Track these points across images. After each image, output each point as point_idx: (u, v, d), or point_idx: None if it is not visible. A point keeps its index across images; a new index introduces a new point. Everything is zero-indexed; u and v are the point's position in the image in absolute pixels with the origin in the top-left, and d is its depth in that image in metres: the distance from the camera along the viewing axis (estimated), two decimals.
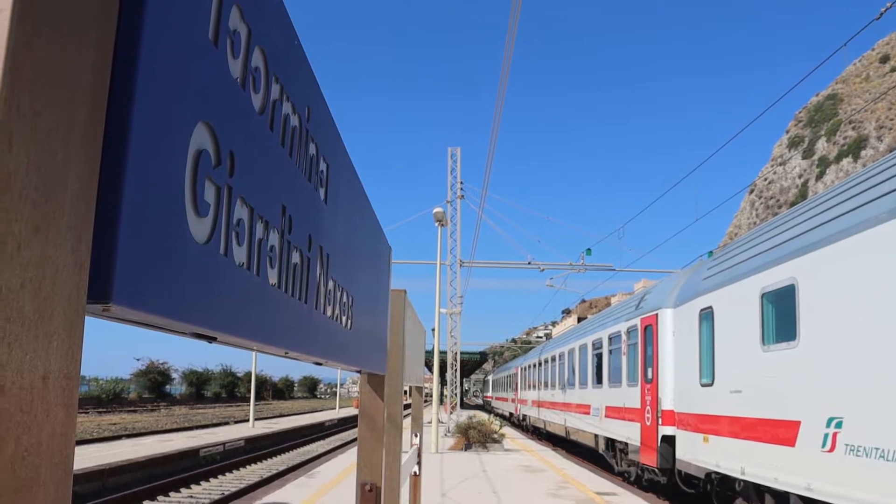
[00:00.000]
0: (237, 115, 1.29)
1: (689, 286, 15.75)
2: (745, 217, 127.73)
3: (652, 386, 16.99)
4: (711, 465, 13.42)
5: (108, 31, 0.85)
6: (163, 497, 19.24)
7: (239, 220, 1.30)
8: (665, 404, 16.24)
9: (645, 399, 17.53)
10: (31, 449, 0.71)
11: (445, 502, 14.89)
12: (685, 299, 15.69)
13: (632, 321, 19.39)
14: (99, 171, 0.84)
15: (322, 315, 2.10)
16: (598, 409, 23.04)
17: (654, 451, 16.47)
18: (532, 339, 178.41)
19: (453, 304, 49.86)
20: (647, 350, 17.75)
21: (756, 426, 11.56)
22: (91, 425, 42.89)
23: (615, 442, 21.05)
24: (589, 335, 25.78)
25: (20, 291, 0.69)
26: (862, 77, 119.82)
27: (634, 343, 18.91)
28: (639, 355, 18.31)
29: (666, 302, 16.93)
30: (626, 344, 19.86)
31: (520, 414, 51.77)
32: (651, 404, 17.00)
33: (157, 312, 0.97)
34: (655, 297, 18.19)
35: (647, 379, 17.37)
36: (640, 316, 18.53)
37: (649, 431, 17.02)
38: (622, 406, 19.80)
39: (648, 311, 17.93)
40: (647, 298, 18.93)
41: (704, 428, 13.90)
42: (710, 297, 14.08)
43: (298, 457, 31.54)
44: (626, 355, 19.72)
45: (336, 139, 2.27)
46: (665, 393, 16.29)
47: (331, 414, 63.95)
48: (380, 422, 3.94)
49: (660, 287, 18.89)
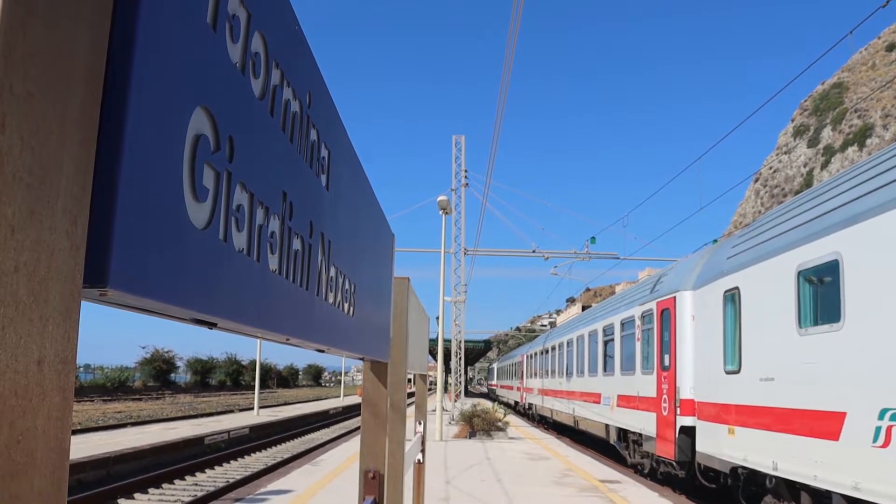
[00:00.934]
0: (236, 100, 1.28)
1: (712, 266, 14.72)
2: (750, 206, 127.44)
3: (669, 374, 16.06)
4: (738, 459, 12.36)
5: (104, 13, 0.85)
6: (168, 485, 19.32)
7: (239, 205, 1.29)
8: (684, 393, 15.27)
9: (661, 388, 16.56)
10: (26, 433, 0.71)
11: (449, 490, 14.92)
12: (707, 280, 14.63)
13: (647, 305, 18.40)
14: (95, 155, 0.83)
15: (324, 302, 2.10)
16: (609, 398, 22.06)
17: (672, 443, 15.54)
18: (536, 328, 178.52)
19: (457, 293, 49.93)
20: (663, 336, 16.76)
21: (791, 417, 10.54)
22: (96, 413, 43.10)
23: (628, 432, 20.12)
24: (599, 321, 24.65)
25: (14, 275, 0.68)
26: (868, 65, 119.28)
27: (649, 328, 17.92)
28: (654, 341, 17.36)
29: (684, 284, 15.93)
30: (640, 329, 18.87)
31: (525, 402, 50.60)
32: (668, 393, 16.02)
33: (156, 297, 0.96)
34: (673, 279, 17.13)
35: (664, 366, 16.45)
36: (656, 299, 17.49)
37: (666, 422, 16.07)
38: (636, 395, 18.81)
39: (665, 294, 16.88)
40: (663, 281, 17.94)
41: (730, 419, 12.83)
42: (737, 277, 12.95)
43: (303, 445, 31.64)
44: (641, 341, 18.73)
45: (338, 126, 2.26)
46: (684, 381, 15.34)
47: (335, 402, 64.10)
48: (383, 409, 3.95)
49: (677, 269, 17.78)
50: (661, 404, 16.43)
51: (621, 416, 20.52)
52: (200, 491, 18.50)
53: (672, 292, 16.35)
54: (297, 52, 1.71)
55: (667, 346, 16.37)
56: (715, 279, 14.02)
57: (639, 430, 18.36)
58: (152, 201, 0.94)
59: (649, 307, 18.03)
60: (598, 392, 23.85)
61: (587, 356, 26.41)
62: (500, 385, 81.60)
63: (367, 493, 3.75)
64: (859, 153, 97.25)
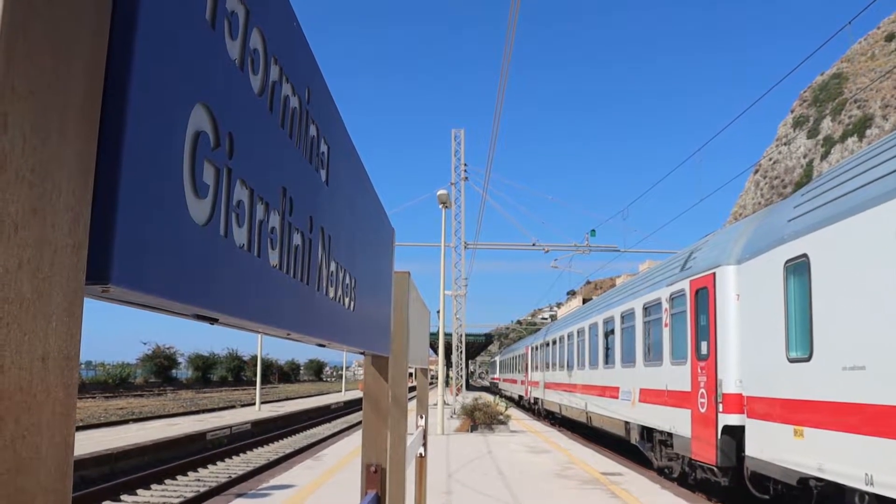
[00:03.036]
0: (236, 96, 1.29)
1: (764, 233, 12.47)
2: (750, 197, 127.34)
3: (708, 364, 14.01)
4: (810, 467, 10.14)
5: (104, 11, 0.85)
6: (170, 480, 19.37)
7: (239, 201, 1.30)
8: (728, 386, 13.15)
9: (697, 380, 14.46)
10: (31, 429, 0.72)
11: (451, 483, 14.95)
12: (758, 251, 12.44)
13: (676, 285, 16.31)
14: (96, 152, 0.84)
15: (324, 296, 2.11)
16: (630, 393, 19.93)
17: (712, 446, 13.41)
18: (537, 321, 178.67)
19: (458, 287, 49.95)
20: (699, 319, 14.74)
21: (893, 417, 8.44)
22: (98, 410, 43.16)
23: (653, 432, 17.85)
24: (616, 306, 22.42)
25: (18, 272, 0.69)
26: (867, 55, 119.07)
27: (681, 312, 15.88)
28: (688, 326, 15.26)
29: (726, 257, 13.79)
30: (668, 314, 16.79)
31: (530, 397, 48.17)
32: (707, 386, 13.96)
33: (157, 293, 0.97)
34: (709, 253, 14.98)
35: (701, 355, 14.46)
36: (689, 278, 15.41)
37: (704, 420, 13.97)
38: (664, 389, 16.68)
39: (701, 271, 14.79)
40: (696, 256, 15.76)
41: (796, 417, 10.63)
42: (805, 243, 10.67)
43: (305, 439, 31.71)
44: (669, 327, 16.65)
45: (337, 121, 2.27)
46: (727, 372, 13.23)
47: (337, 397, 64.22)
48: (384, 403, 3.96)
49: (714, 241, 15.50)
50: (697, 400, 14.42)
51: (645, 413, 18.46)
52: (203, 486, 18.55)
53: (710, 268, 14.31)
54: (296, 48, 1.72)
55: (704, 332, 14.40)
56: (770, 248, 11.86)
57: (667, 430, 16.34)
58: (153, 198, 0.95)
59: (680, 287, 16.06)
60: (616, 385, 21.80)
61: (602, 346, 24.30)
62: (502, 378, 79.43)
63: (369, 487, 3.76)
64: (859, 144, 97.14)
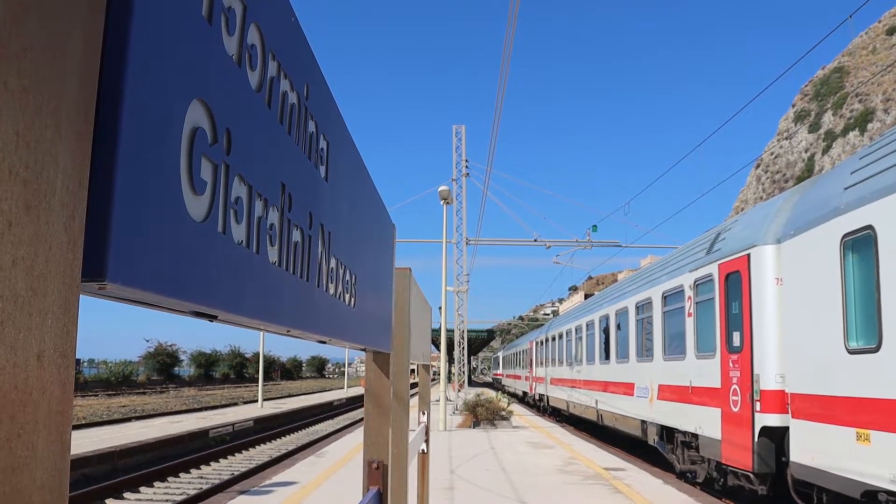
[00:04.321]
0: (233, 92, 1.28)
1: (812, 205, 10.90)
2: (752, 192, 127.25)
3: (741, 357, 12.58)
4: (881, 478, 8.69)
5: (98, 7, 0.85)
6: (173, 478, 19.39)
7: (237, 197, 1.29)
8: (766, 382, 11.68)
9: (729, 375, 13.03)
10: (27, 426, 0.71)
11: (454, 479, 14.97)
12: (804, 225, 10.85)
13: (702, 270, 14.80)
14: (92, 149, 0.84)
15: (324, 293, 2.10)
16: (647, 389, 18.49)
17: (748, 450, 12.00)
18: (539, 317, 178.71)
19: (460, 283, 49.97)
20: (730, 307, 13.32)
21: None
22: (100, 408, 43.22)
23: (675, 432, 16.38)
24: (630, 296, 21.03)
25: (12, 269, 0.69)
26: (868, 49, 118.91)
27: (708, 299, 14.46)
28: (716, 316, 13.83)
29: (762, 236, 12.22)
30: (691, 302, 15.39)
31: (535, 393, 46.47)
32: (740, 382, 12.50)
33: (155, 290, 0.97)
34: (741, 232, 13.42)
35: (732, 347, 13.02)
36: (718, 261, 13.91)
37: (737, 420, 12.53)
38: (687, 385, 15.31)
39: (732, 253, 13.26)
40: (724, 237, 14.22)
41: (860, 419, 9.20)
42: (869, 212, 9.12)
43: (307, 436, 31.75)
44: (694, 317, 15.26)
45: (336, 117, 2.26)
46: (765, 366, 11.75)
47: (339, 393, 64.31)
48: (386, 400, 3.96)
49: (746, 219, 13.90)
50: (728, 397, 13.00)
51: (665, 412, 16.95)
52: (206, 484, 18.58)
53: (743, 250, 12.76)
54: (294, 43, 1.71)
55: (736, 322, 12.95)
56: (822, 221, 10.32)
57: (692, 430, 14.94)
58: (150, 195, 0.95)
59: (706, 273, 14.53)
60: (630, 381, 20.34)
61: (614, 339, 22.89)
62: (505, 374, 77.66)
63: (370, 483, 3.76)
64: (861, 138, 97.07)
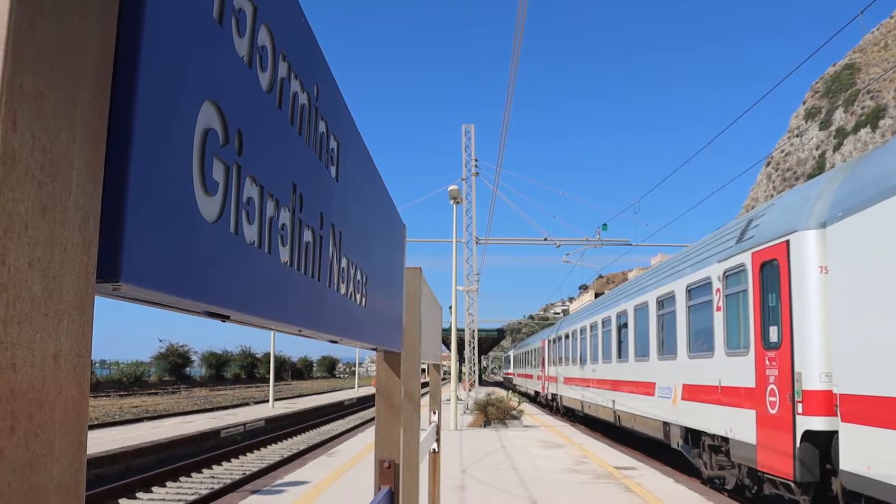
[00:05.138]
0: (244, 93, 1.29)
1: (865, 183, 9.81)
2: (762, 190, 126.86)
3: (780, 354, 11.56)
4: None
5: (110, 10, 0.85)
6: (185, 478, 19.47)
7: (249, 198, 1.30)
8: (810, 381, 10.63)
9: (765, 374, 12.01)
10: (44, 426, 0.72)
11: (465, 478, 14.97)
12: (856, 206, 9.75)
13: (732, 260, 13.83)
14: (105, 151, 0.84)
15: (335, 293, 2.11)
16: (669, 389, 17.55)
17: (788, 456, 11.02)
18: (549, 316, 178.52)
19: (470, 282, 49.96)
20: (765, 300, 12.33)
21: None
22: (113, 408, 43.41)
23: (701, 435, 15.44)
24: (649, 291, 20.05)
25: (28, 271, 0.69)
26: (880, 45, 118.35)
27: (739, 292, 13.54)
28: (749, 309, 12.86)
29: (804, 220, 11.18)
30: (720, 295, 14.43)
31: (547, 393, 45.48)
32: (778, 381, 11.48)
33: (168, 291, 0.97)
34: (778, 217, 12.31)
35: (769, 343, 12.02)
36: (751, 250, 12.91)
37: (775, 423, 11.51)
38: (715, 385, 14.38)
39: (768, 240, 12.24)
40: (758, 224, 13.19)
41: None
42: None
43: (318, 436, 31.82)
44: (723, 311, 14.27)
45: (346, 117, 2.27)
46: (808, 363, 10.72)
47: (350, 393, 64.42)
48: (397, 399, 3.96)
49: (783, 203, 12.74)
50: (764, 398, 11.97)
51: (690, 413, 16.05)
52: (217, 483, 18.64)
53: (781, 236, 11.72)
54: (304, 44, 1.72)
55: (773, 315, 11.99)
56: (879, 200, 9.20)
57: (722, 433, 13.94)
58: (163, 196, 0.95)
59: (738, 263, 13.55)
60: (651, 381, 19.39)
61: (633, 336, 21.90)
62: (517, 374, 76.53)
63: (382, 482, 3.77)
64: (872, 135, 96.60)
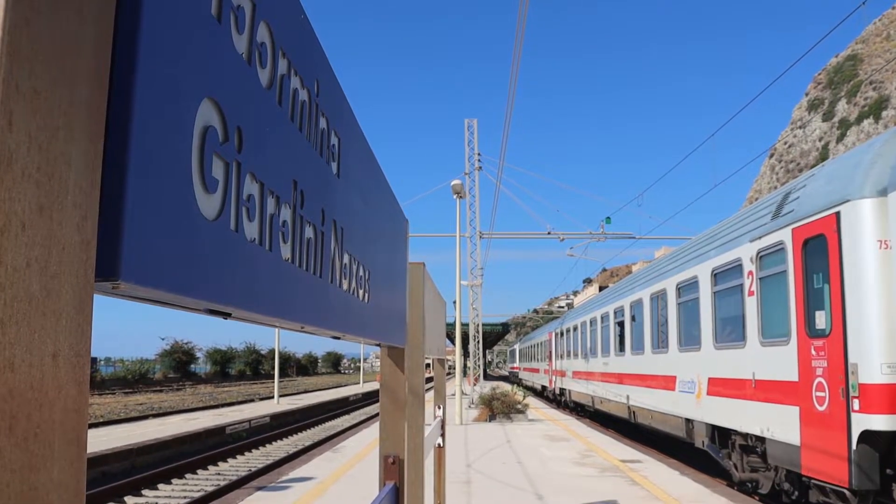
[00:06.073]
0: (244, 91, 1.29)
1: None
2: (766, 182, 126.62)
3: (830, 342, 10.08)
4: None
5: (107, 8, 0.85)
6: (191, 475, 19.49)
7: (249, 195, 1.30)
8: (868, 374, 9.36)
9: (811, 365, 10.59)
10: (43, 425, 0.72)
11: (470, 473, 14.98)
12: None
13: (768, 238, 12.22)
14: (103, 149, 0.84)
15: (338, 289, 2.11)
16: (692, 383, 16.05)
17: (842, 460, 9.70)
18: (554, 310, 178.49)
19: (474, 276, 49.92)
20: (810, 280, 10.90)
21: None
22: (118, 406, 43.47)
23: (731, 434, 13.94)
24: (668, 276, 18.42)
25: (26, 270, 0.69)
26: (882, 36, 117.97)
27: (777, 273, 11.96)
28: (790, 292, 11.32)
29: (857, 188, 9.86)
30: (753, 278, 12.88)
31: (555, 387, 43.47)
32: (828, 374, 10.06)
33: (168, 289, 0.97)
34: (825, 186, 10.79)
35: (815, 330, 10.59)
36: (791, 225, 11.31)
37: (825, 422, 10.17)
38: (748, 378, 12.82)
39: (812, 213, 10.73)
40: (797, 196, 11.61)
41: None
42: None
43: (324, 432, 31.85)
44: (756, 295, 12.71)
45: (347, 113, 2.26)
46: (867, 353, 9.45)
47: (355, 389, 64.46)
48: (401, 394, 3.97)
49: (829, 170, 11.25)
50: (811, 392, 10.59)
51: (717, 409, 14.59)
52: (223, 480, 18.66)
53: (829, 207, 10.29)
54: (304, 41, 1.72)
55: (820, 298, 10.60)
56: None
57: (756, 433, 12.47)
58: (162, 194, 0.95)
59: (775, 241, 11.95)
60: (671, 374, 17.80)
61: (648, 326, 20.30)
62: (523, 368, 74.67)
63: (387, 478, 3.78)
64: (875, 126, 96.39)
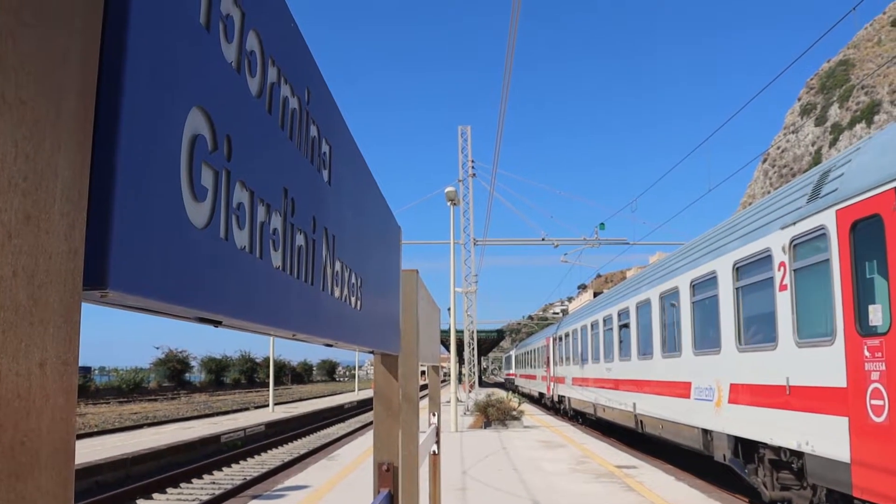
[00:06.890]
0: (233, 99, 1.29)
1: None
2: (759, 186, 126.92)
3: (888, 341, 8.85)
4: None
5: (94, 18, 0.85)
6: (186, 484, 19.46)
7: (239, 203, 1.30)
8: None
9: (862, 368, 9.31)
10: (30, 434, 0.72)
11: (466, 480, 14.96)
12: None
13: (805, 223, 10.85)
14: (91, 158, 0.84)
15: (330, 297, 2.11)
16: (711, 389, 14.65)
17: None
18: (549, 316, 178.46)
19: (468, 283, 49.91)
20: (860, 269, 9.58)
21: None
22: (112, 415, 43.37)
23: (759, 447, 12.70)
24: (681, 273, 16.90)
25: (13, 280, 0.69)
26: (874, 41, 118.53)
27: (816, 263, 10.63)
28: (833, 283, 10.00)
29: None
30: (785, 270, 11.44)
31: (554, 395, 42.34)
32: (886, 379, 8.83)
33: (157, 297, 0.98)
34: (875, 159, 9.52)
35: (868, 328, 9.27)
36: (836, 206, 9.96)
37: (884, 435, 8.88)
38: (781, 384, 11.48)
39: (862, 190, 9.43)
40: (840, 173, 10.29)
41: None
42: None
43: (319, 440, 31.81)
44: (790, 290, 11.33)
45: (338, 121, 2.27)
46: None
47: (350, 396, 64.41)
48: (395, 402, 3.96)
49: (880, 141, 9.88)
50: (864, 400, 9.23)
51: (741, 419, 13.24)
52: (218, 489, 18.62)
53: (885, 182, 8.99)
54: (294, 49, 1.72)
55: (872, 290, 9.36)
56: None
57: (792, 446, 11.16)
58: (150, 202, 0.95)
59: (815, 225, 10.58)
60: (685, 381, 16.37)
61: (658, 329, 18.81)
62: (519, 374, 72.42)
63: (381, 485, 3.77)
64: (867, 130, 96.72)
